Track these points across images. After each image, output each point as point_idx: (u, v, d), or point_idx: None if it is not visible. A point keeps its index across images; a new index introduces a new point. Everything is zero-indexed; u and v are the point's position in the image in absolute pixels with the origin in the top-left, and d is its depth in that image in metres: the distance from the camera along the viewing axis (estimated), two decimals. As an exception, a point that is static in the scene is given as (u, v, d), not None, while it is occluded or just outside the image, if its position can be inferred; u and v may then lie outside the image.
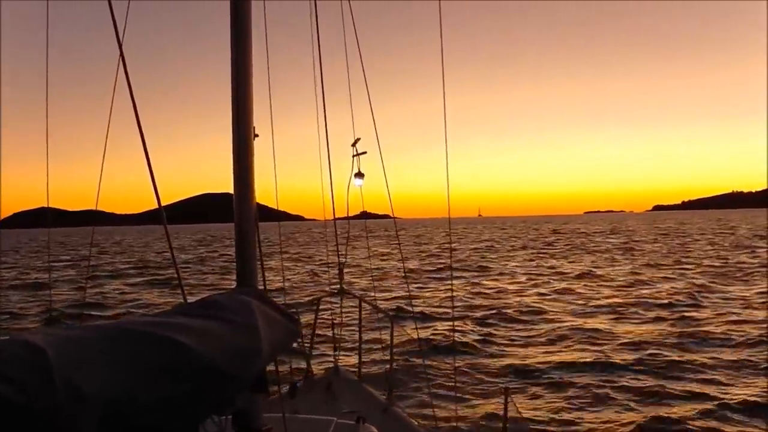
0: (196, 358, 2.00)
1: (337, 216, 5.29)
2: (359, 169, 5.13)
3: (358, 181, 5.16)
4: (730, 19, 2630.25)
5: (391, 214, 5.77)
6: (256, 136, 3.12)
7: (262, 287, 3.14)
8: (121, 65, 2.81)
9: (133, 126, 2.72)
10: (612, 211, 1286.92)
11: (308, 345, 6.31)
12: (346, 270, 5.91)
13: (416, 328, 13.53)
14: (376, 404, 5.70)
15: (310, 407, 5.25)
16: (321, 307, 6.64)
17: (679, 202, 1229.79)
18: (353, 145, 5.12)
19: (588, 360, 13.45)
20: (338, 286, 6.03)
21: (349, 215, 5.38)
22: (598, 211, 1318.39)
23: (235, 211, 3.07)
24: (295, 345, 5.22)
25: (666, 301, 21.21)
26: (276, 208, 4.60)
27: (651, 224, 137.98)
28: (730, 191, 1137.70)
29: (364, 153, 5.12)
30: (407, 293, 21.70)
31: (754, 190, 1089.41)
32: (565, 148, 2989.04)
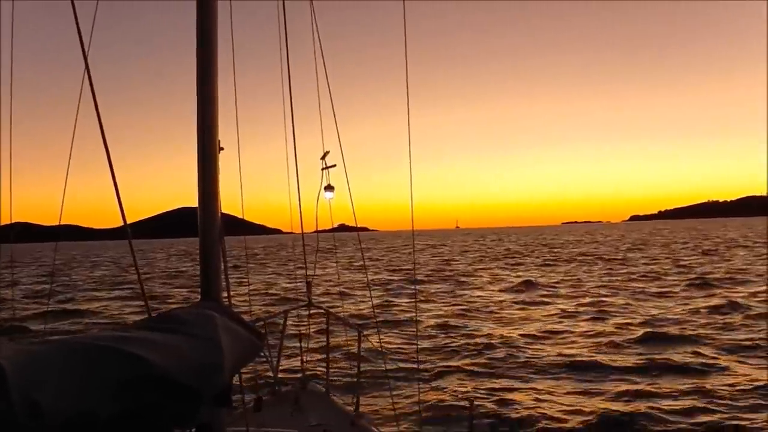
0: (156, 372, 2.00)
1: (314, 229, 5.31)
2: (329, 182, 5.13)
3: (328, 194, 5.15)
4: (704, 32, 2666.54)
5: (356, 225, 5.74)
6: (221, 149, 3.11)
7: (227, 301, 3.13)
8: (86, 79, 2.81)
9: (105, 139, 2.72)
10: (589, 222, 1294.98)
11: (276, 358, 6.27)
12: (316, 283, 5.90)
13: (380, 342, 13.46)
14: (344, 417, 5.68)
15: (277, 421, 5.23)
16: (289, 320, 6.58)
17: (656, 211, 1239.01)
18: (322, 158, 5.12)
19: (552, 367, 13.77)
20: (306, 299, 5.95)
21: (328, 228, 5.39)
22: (576, 222, 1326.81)
23: (199, 225, 3.04)
24: (263, 359, 5.21)
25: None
26: (243, 218, 4.60)
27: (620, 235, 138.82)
28: (707, 200, 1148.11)
29: (334, 166, 5.11)
30: (372, 305, 21.82)
31: (729, 200, 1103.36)
32: (543, 160, 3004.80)
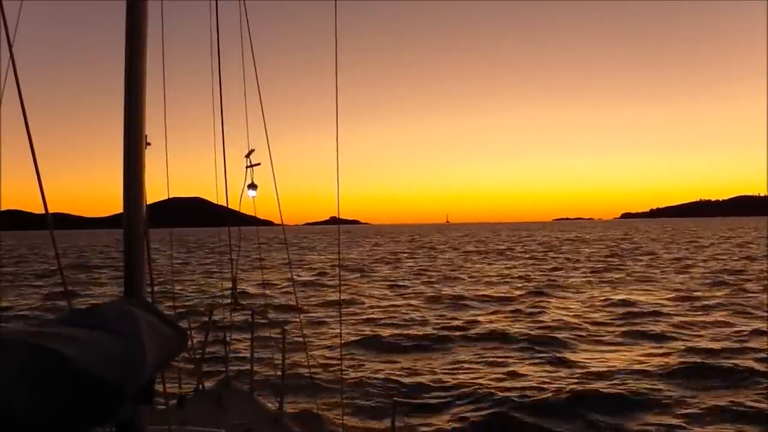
0: (73, 368, 1.94)
1: (302, 222, 5.31)
2: (252, 180, 5.13)
3: (251, 192, 5.17)
4: (699, 34, 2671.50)
5: (273, 221, 5.71)
6: (148, 144, 3.12)
7: (150, 297, 3.10)
8: (12, 72, 2.80)
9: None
10: (581, 219, 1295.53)
11: (199, 357, 6.20)
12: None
13: (303, 340, 13.10)
14: (267, 416, 5.70)
15: (199, 419, 5.21)
16: (214, 318, 6.48)
17: (648, 209, 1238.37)
18: (247, 156, 5.12)
19: (482, 367, 13.66)
20: (232, 297, 5.87)
21: (317, 221, 5.34)
22: (567, 218, 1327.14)
23: (124, 221, 3.03)
24: (186, 356, 5.18)
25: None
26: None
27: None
28: (698, 200, 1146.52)
29: (258, 165, 5.13)
30: (296, 302, 21.40)
31: (721, 199, 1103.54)
32: (536, 156, 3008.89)
